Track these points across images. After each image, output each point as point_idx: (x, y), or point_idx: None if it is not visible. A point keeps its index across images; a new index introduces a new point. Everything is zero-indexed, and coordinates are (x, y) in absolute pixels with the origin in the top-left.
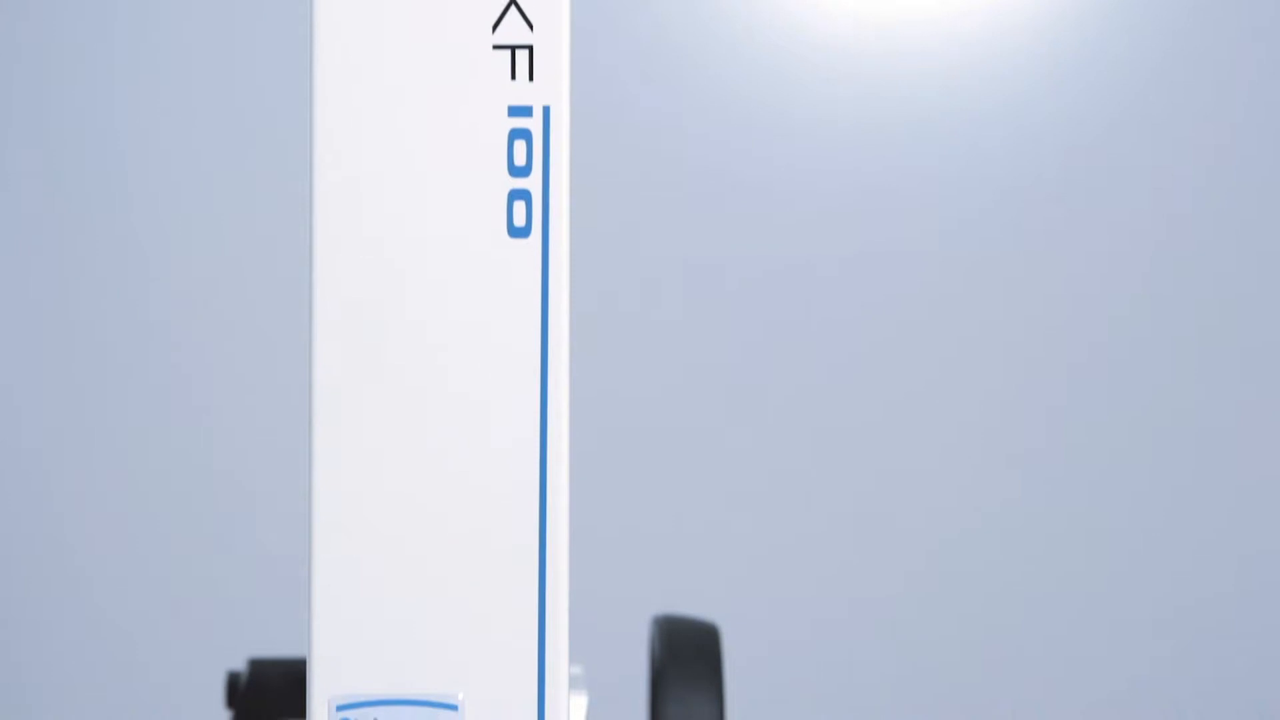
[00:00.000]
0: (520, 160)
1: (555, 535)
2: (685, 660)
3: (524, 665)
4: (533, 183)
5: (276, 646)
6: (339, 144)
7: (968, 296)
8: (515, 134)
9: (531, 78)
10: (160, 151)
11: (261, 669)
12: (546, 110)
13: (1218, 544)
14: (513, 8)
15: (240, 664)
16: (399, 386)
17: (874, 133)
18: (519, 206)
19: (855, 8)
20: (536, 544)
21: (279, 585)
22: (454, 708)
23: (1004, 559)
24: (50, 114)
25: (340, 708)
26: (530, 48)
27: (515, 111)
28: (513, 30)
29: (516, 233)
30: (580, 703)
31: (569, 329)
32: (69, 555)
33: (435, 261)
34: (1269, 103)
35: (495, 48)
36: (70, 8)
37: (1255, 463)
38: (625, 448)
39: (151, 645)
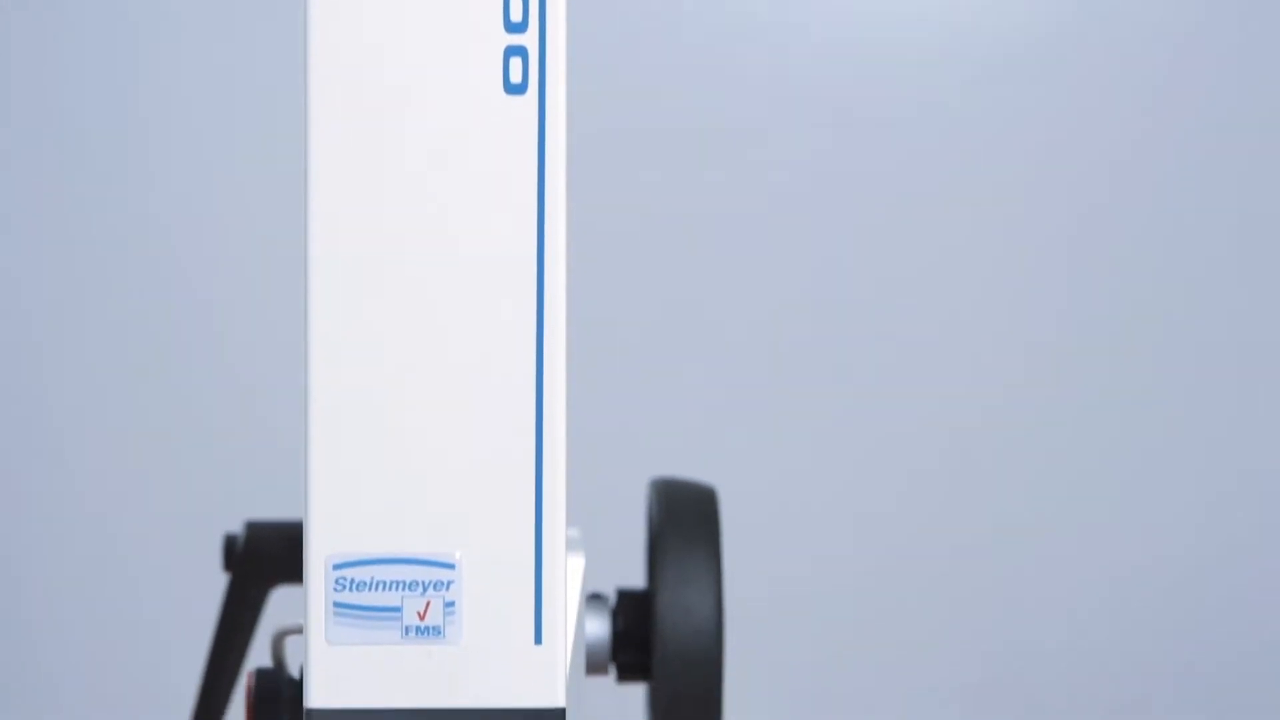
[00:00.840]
0: (516, 16)
1: (552, 397)
2: (683, 522)
3: (521, 525)
4: (529, 39)
5: (274, 511)
6: (335, 2)
7: (981, 170)
8: None
9: None
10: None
11: (258, 531)
12: None
13: (1228, 438)
14: None
15: (237, 527)
16: (395, 245)
17: None
18: (515, 63)
19: None
20: (533, 406)
21: (277, 449)
22: (451, 566)
23: (1009, 436)
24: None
25: (337, 566)
26: None
27: None
28: None
29: (513, 90)
30: (578, 564)
31: (566, 188)
32: (67, 419)
33: (431, 120)
34: None
35: None
36: None
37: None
38: (625, 310)
39: (148, 509)
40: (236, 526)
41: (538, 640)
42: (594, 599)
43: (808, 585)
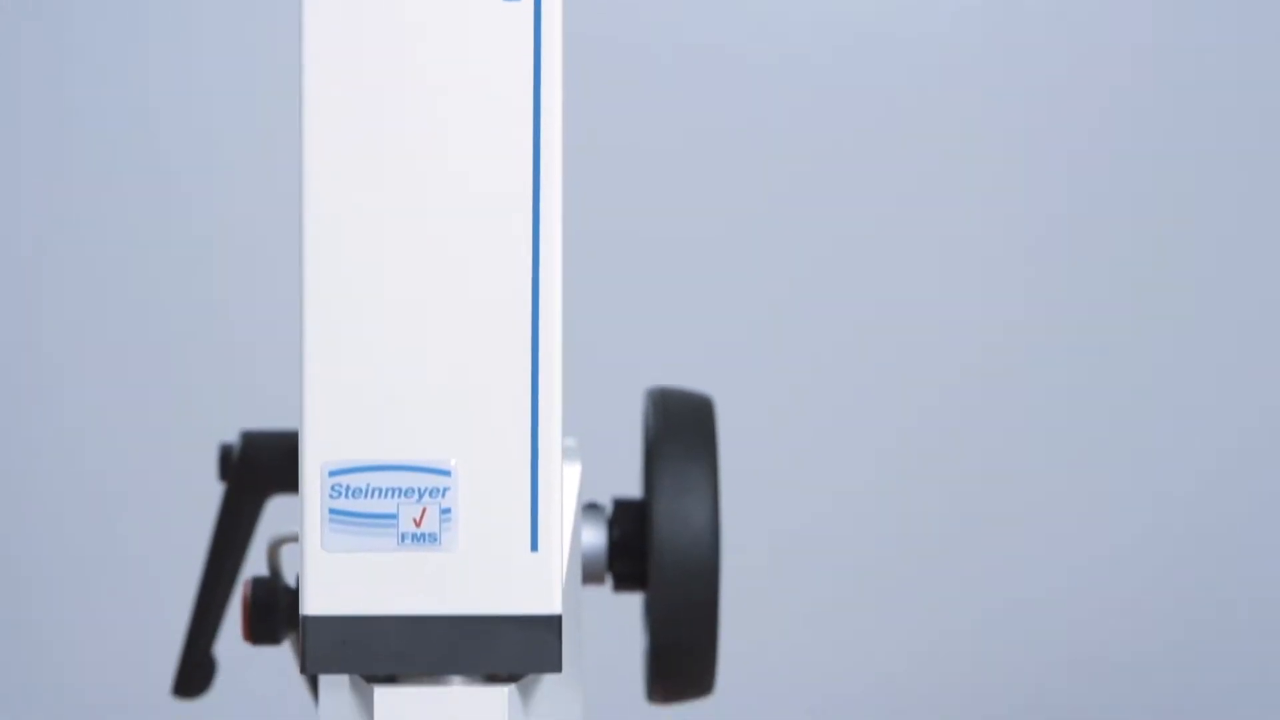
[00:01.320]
0: None
1: (548, 304)
2: (680, 432)
3: (517, 432)
4: None
5: (271, 422)
6: None
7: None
8: None
9: None
10: None
11: (254, 441)
12: None
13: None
14: None
15: (233, 436)
16: (392, 150)
17: None
18: None
19: None
20: (529, 312)
21: (274, 359)
22: (447, 473)
23: (1005, 346)
24: None
25: (333, 473)
26: None
27: None
28: None
29: None
30: (574, 472)
31: (562, 92)
32: (65, 331)
33: (429, 25)
34: None
35: None
36: None
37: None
38: (623, 218)
39: (144, 420)
40: (232, 437)
41: (534, 547)
42: (590, 508)
43: (804, 496)
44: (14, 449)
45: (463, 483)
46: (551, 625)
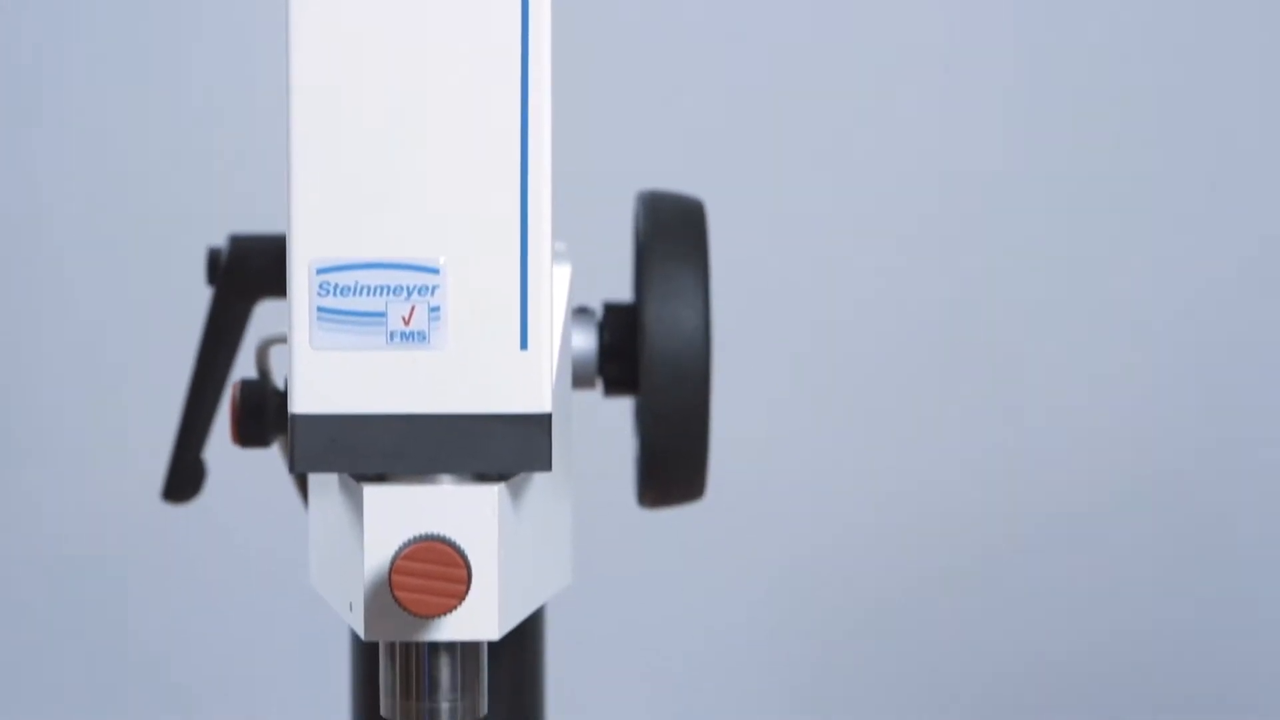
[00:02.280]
0: None
1: (538, 102)
2: (670, 234)
3: (506, 230)
4: None
5: (258, 226)
6: None
7: None
8: None
9: None
10: None
11: (242, 245)
12: None
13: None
14: None
15: (221, 241)
16: None
17: None
18: None
19: None
20: (519, 110)
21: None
22: (435, 271)
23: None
24: None
25: (321, 270)
26: None
27: None
28: None
29: None
30: (564, 273)
31: None
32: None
33: None
34: None
35: None
36: None
37: None
38: (616, 17)
39: (131, 221)
40: (220, 241)
41: (523, 346)
42: (581, 312)
43: (797, 300)
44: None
45: (451, 281)
46: (541, 424)
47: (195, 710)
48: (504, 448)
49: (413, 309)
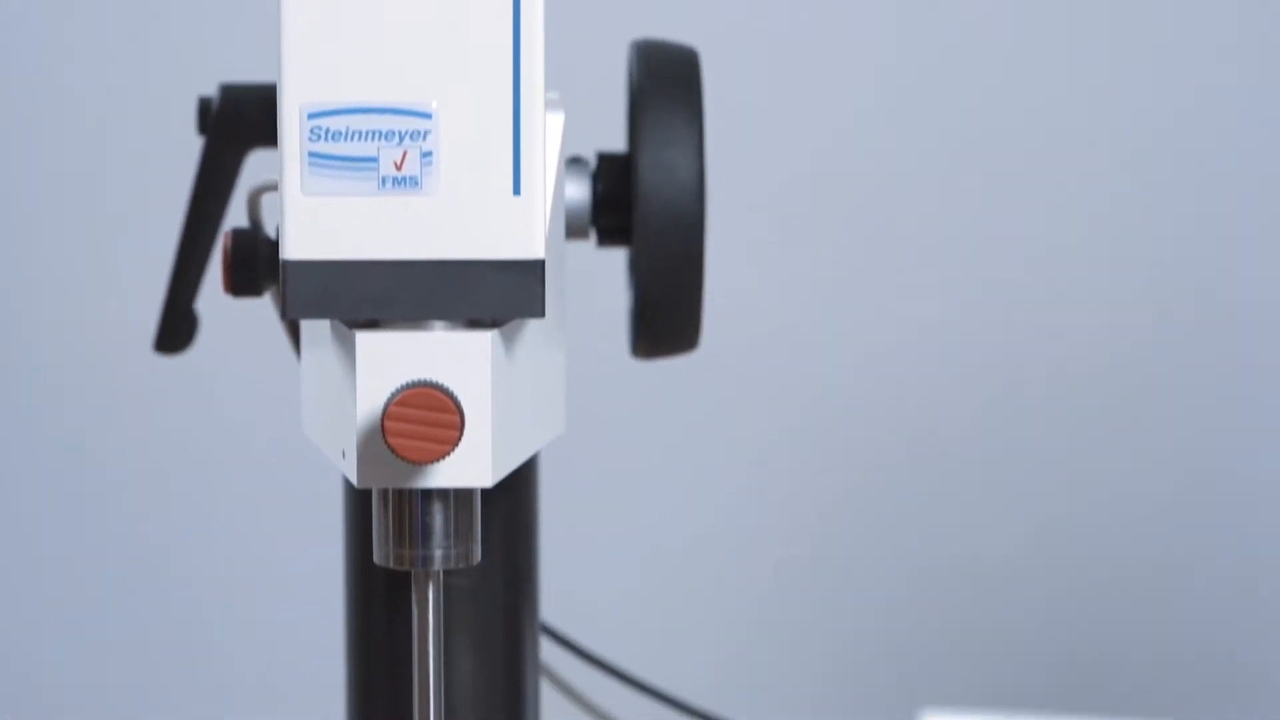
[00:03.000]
0: None
1: None
2: (664, 83)
3: (499, 74)
4: None
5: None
6: None
7: None
8: None
9: None
10: None
11: (234, 93)
12: None
13: None
14: None
15: (211, 90)
16: None
17: None
18: None
19: None
20: None
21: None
22: (428, 116)
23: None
24: None
25: (312, 115)
26: None
27: None
28: None
29: None
30: (557, 121)
31: None
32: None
33: None
34: None
35: None
36: None
37: None
38: None
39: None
40: (211, 90)
41: (516, 191)
42: (574, 162)
43: (789, 149)
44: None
45: (444, 126)
46: (534, 270)
47: (186, 557)
48: (496, 294)
49: (405, 154)
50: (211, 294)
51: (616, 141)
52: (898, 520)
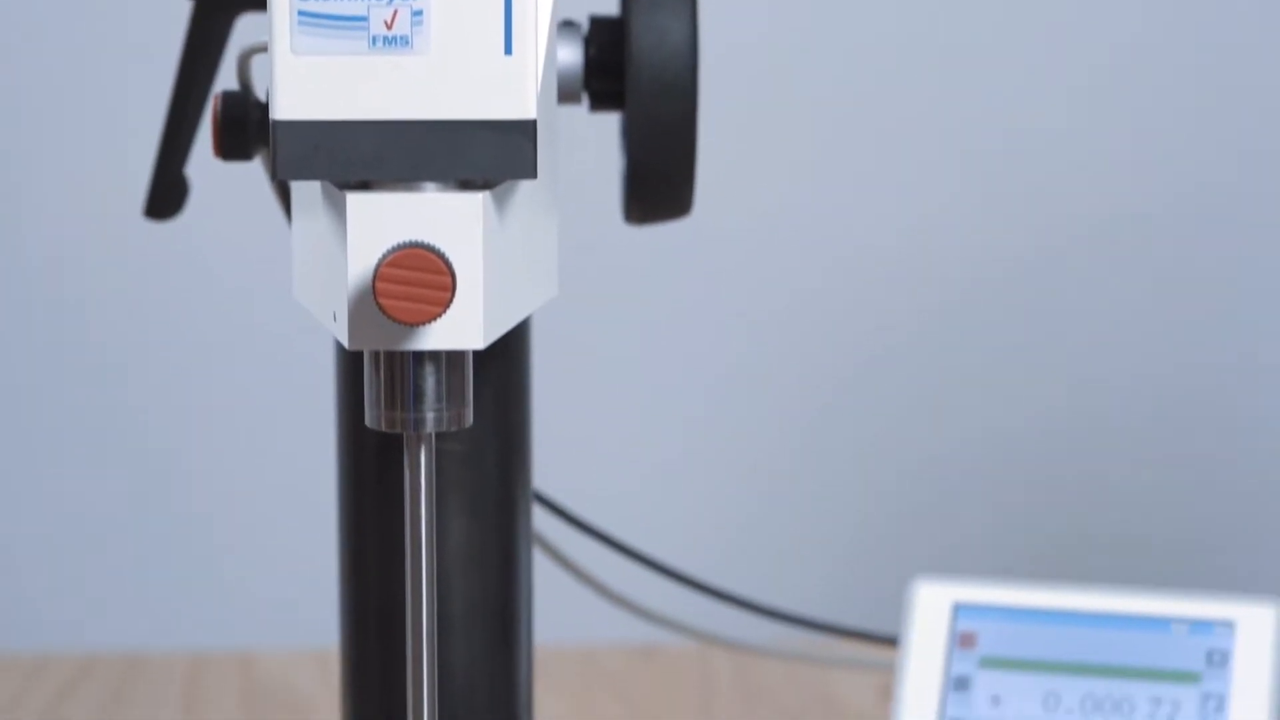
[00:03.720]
0: None
1: None
2: None
3: None
4: None
5: None
6: None
7: None
8: None
9: None
10: None
11: None
12: None
13: None
14: None
15: None
16: None
17: None
18: None
19: None
20: None
21: None
22: None
23: None
24: None
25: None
26: None
27: None
28: None
29: None
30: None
31: None
32: None
33: None
34: None
35: None
36: None
37: None
38: None
39: None
40: None
41: (507, 51)
42: (566, 26)
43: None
44: None
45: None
46: (526, 130)
47: (174, 421)
48: (488, 154)
49: (395, 13)
50: (202, 159)
51: (609, 6)
52: (900, 391)
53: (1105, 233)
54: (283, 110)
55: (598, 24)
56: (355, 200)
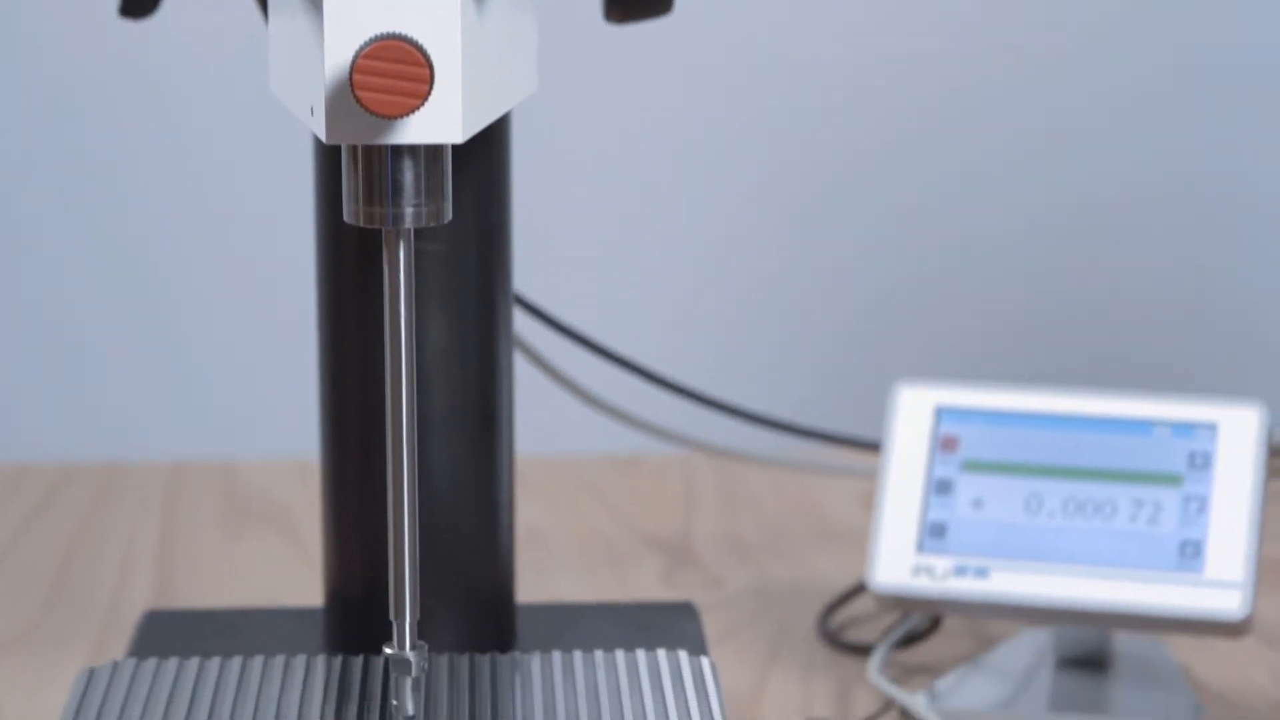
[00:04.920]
0: None
1: None
2: None
3: None
4: None
5: None
6: None
7: None
8: None
9: None
10: None
11: None
12: None
13: None
14: None
15: None
16: None
17: None
18: None
19: None
20: None
21: None
22: None
23: None
24: None
25: None
26: None
27: None
28: None
29: None
30: None
31: None
32: None
33: None
34: None
35: None
36: None
37: None
38: None
39: None
40: None
41: None
42: None
43: None
44: None
45: None
46: None
47: (154, 227)
48: None
49: None
50: None
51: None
52: (887, 195)
53: (1103, 31)
54: None
55: None
56: None
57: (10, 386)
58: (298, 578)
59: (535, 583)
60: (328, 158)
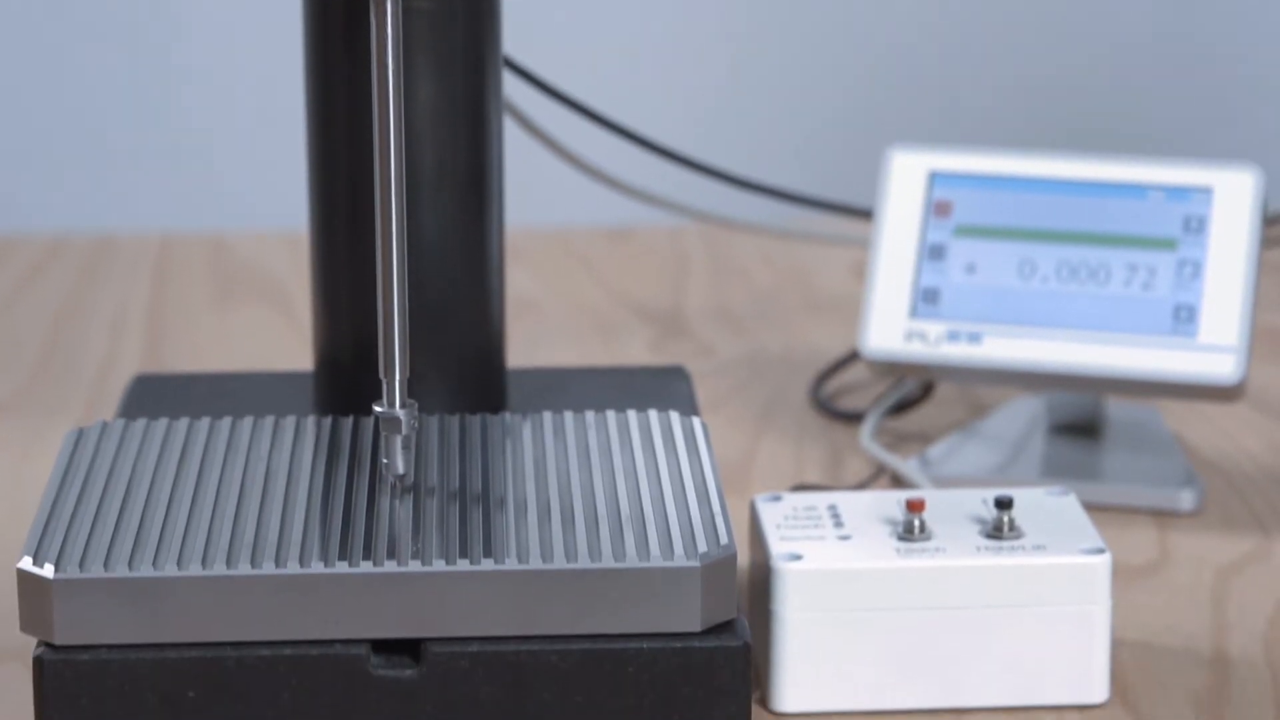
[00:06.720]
0: None
1: None
2: None
3: None
4: None
5: None
6: None
7: None
8: None
9: None
10: None
11: None
12: None
13: None
14: None
15: None
16: None
17: None
18: None
19: None
20: None
21: None
22: None
23: None
24: None
25: None
26: None
27: None
28: None
29: None
30: None
31: None
32: None
33: None
34: None
35: None
36: None
37: None
38: None
39: None
40: None
41: None
42: None
43: None
44: None
45: None
46: None
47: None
48: None
49: None
50: None
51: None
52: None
53: None
54: None
55: None
56: None
57: (5, 157)
58: (288, 347)
59: (525, 352)
60: None
